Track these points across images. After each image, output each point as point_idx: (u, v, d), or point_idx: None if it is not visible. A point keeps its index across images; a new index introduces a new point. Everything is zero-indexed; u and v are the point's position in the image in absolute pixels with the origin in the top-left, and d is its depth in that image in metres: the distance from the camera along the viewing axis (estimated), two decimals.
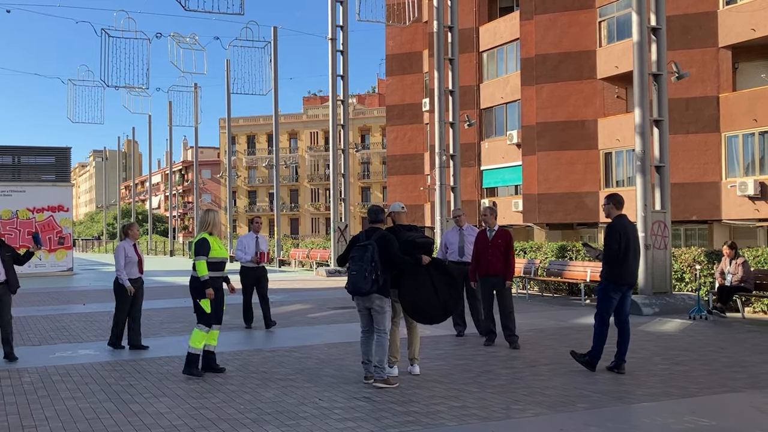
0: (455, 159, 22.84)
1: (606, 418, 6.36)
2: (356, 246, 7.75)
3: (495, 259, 10.14)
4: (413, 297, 7.96)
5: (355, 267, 7.57)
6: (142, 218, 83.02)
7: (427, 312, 8.09)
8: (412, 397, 7.08)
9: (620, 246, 8.21)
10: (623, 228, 8.34)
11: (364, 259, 7.51)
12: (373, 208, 8.04)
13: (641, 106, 15.35)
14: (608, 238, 8.36)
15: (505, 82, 35.24)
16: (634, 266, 8.53)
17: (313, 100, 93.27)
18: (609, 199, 8.67)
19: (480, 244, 10.37)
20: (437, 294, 8.02)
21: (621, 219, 8.45)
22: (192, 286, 8.46)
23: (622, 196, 8.68)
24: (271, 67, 36.73)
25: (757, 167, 25.59)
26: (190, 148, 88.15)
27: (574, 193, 30.31)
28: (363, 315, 7.84)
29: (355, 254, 7.66)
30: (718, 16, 26.56)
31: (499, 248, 10.19)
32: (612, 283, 8.36)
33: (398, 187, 42.40)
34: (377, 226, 7.92)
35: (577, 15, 30.90)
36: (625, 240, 8.27)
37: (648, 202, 15.11)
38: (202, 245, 8.34)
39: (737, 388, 7.46)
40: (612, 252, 8.26)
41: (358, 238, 7.90)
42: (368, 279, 7.47)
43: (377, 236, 7.71)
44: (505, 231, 10.47)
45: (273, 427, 6.02)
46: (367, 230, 7.93)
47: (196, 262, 8.29)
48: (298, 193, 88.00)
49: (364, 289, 7.52)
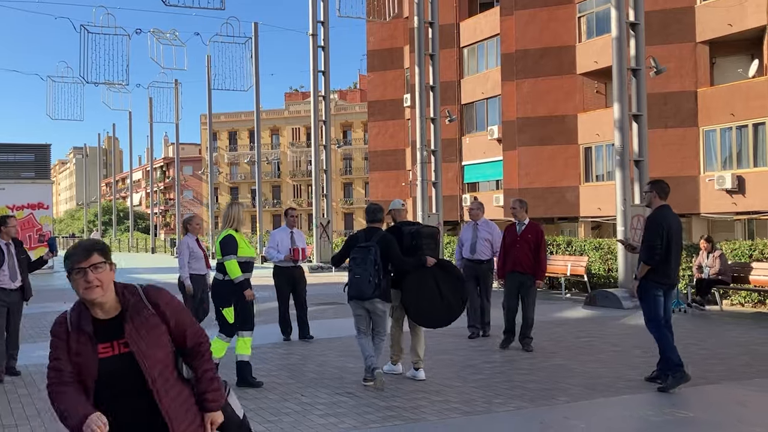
0: (436, 154, 22.90)
1: (586, 410, 6.44)
2: (357, 247, 7.37)
3: (523, 256, 9.37)
4: (416, 300, 7.62)
5: (359, 270, 7.23)
6: (123, 215, 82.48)
7: (431, 316, 7.75)
8: (395, 392, 7.12)
9: (662, 242, 7.14)
10: (665, 221, 7.23)
11: (367, 262, 7.18)
12: (371, 207, 7.69)
13: (620, 101, 15.48)
14: (648, 232, 7.32)
15: (485, 78, 35.34)
16: (675, 265, 7.47)
17: (295, 96, 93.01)
18: (652, 185, 7.58)
19: (508, 238, 9.64)
20: (441, 297, 7.64)
21: (663, 210, 7.34)
22: (215, 291, 7.57)
23: (667, 184, 7.60)
24: (252, 63, 36.61)
25: (734, 161, 25.87)
26: (171, 144, 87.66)
27: (555, 188, 30.48)
28: (361, 318, 7.49)
29: (356, 256, 7.30)
30: (695, 11, 26.78)
31: (529, 243, 9.41)
32: (655, 282, 7.32)
33: (380, 182, 42.44)
34: (376, 226, 7.58)
35: (556, 11, 31.05)
36: (667, 235, 7.19)
37: (627, 197, 15.25)
38: (230, 242, 7.42)
39: (715, 380, 7.57)
40: (651, 249, 7.18)
41: (357, 238, 7.58)
42: (372, 283, 7.17)
43: (378, 237, 7.37)
44: (535, 225, 9.74)
45: (255, 424, 6.01)
46: (366, 230, 7.60)
47: (226, 263, 7.35)
48: (281, 190, 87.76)
49: (367, 293, 7.21)
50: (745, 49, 26.33)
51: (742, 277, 13.76)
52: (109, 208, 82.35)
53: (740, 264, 13.95)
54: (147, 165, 76.41)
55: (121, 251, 61.19)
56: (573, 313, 13.58)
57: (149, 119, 55.75)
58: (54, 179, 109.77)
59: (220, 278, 7.44)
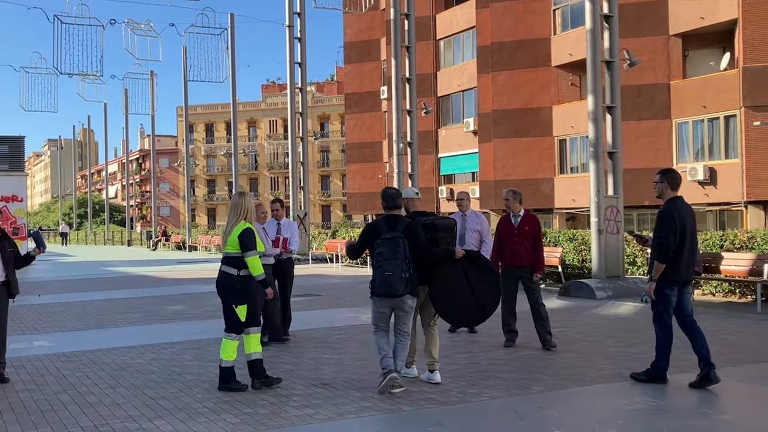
0: (413, 146, 22.95)
1: (560, 400, 6.50)
2: (381, 239, 6.66)
3: (522, 249, 8.97)
4: (447, 296, 7.06)
5: (390, 266, 6.54)
6: (99, 208, 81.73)
7: (463, 313, 7.27)
8: (371, 383, 7.12)
9: (675, 236, 6.69)
10: (678, 214, 6.76)
11: (397, 256, 6.54)
12: (390, 192, 6.99)
13: (594, 93, 15.59)
14: (660, 226, 6.80)
15: (461, 70, 35.42)
16: (690, 260, 6.93)
17: (272, 88, 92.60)
18: (663, 175, 7.05)
19: (504, 231, 9.17)
20: (474, 293, 7.12)
21: (676, 202, 6.85)
22: (227, 287, 7.00)
23: (678, 173, 7.12)
24: (228, 55, 36.41)
25: (706, 153, 26.19)
26: (147, 136, 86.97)
27: (530, 180, 30.68)
28: (384, 315, 6.87)
29: (383, 250, 6.60)
30: (668, 4, 27.04)
31: (527, 236, 9.03)
32: (665, 279, 6.84)
33: (357, 175, 42.43)
34: (396, 213, 6.92)
35: (532, 3, 31.19)
36: (680, 229, 6.73)
37: (601, 188, 15.37)
38: (250, 236, 6.89)
39: (686, 369, 7.62)
40: (665, 246, 6.71)
41: (378, 228, 6.81)
42: (403, 279, 6.55)
43: (403, 227, 6.73)
44: (532, 216, 9.34)
45: (231, 416, 6.04)
46: (386, 219, 6.87)
47: (248, 259, 6.85)
48: (258, 182, 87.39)
49: (399, 291, 6.58)
50: (717, 42, 26.65)
51: (713, 267, 13.93)
52: (85, 200, 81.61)
53: (711, 254, 14.12)
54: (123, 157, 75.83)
55: (97, 244, 60.64)
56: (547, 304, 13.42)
57: (125, 111, 55.30)
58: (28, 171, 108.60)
59: (234, 273, 6.91)
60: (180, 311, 13.45)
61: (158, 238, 47.77)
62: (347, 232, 28.06)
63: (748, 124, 24.07)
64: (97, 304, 14.63)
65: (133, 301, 15.24)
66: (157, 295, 16.46)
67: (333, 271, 22.89)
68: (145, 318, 12.53)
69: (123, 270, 25.88)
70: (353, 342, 9.61)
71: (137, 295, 16.33)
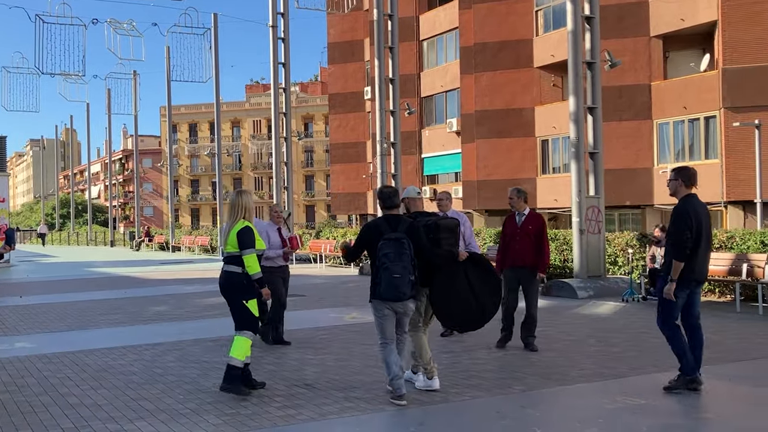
0: (396, 147, 23.00)
1: (541, 399, 6.55)
2: (385, 240, 6.34)
3: (525, 249, 8.77)
4: (446, 299, 6.85)
5: (397, 269, 6.23)
6: (82, 208, 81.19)
7: (462, 317, 7.03)
8: (354, 383, 7.15)
9: (691, 235, 6.49)
10: (694, 211, 6.57)
11: (403, 258, 6.26)
12: (387, 191, 6.69)
13: (575, 94, 15.71)
14: (675, 224, 6.62)
15: (444, 71, 35.51)
16: (705, 259, 6.76)
17: (256, 88, 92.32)
18: (677, 173, 6.85)
19: (508, 231, 9.01)
20: (475, 296, 6.93)
21: (690, 200, 6.66)
22: (234, 285, 6.91)
23: (694, 170, 6.93)
24: (212, 54, 36.31)
25: (686, 153, 26.42)
26: (130, 136, 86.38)
27: (513, 180, 30.72)
28: (389, 320, 6.52)
29: (388, 251, 6.28)
30: (649, 6, 27.25)
31: (530, 236, 8.82)
32: (679, 279, 6.60)
33: (341, 175, 42.43)
34: (395, 212, 6.63)
35: (514, 4, 31.32)
36: (696, 227, 6.54)
37: (582, 188, 15.48)
38: (249, 234, 6.84)
39: (666, 368, 7.68)
40: (679, 243, 6.52)
41: (379, 228, 6.48)
42: (410, 282, 6.30)
43: (405, 227, 6.45)
44: (537, 215, 9.14)
45: (213, 417, 6.05)
46: (386, 218, 6.56)
47: (246, 257, 6.79)
48: (242, 182, 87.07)
49: (406, 294, 6.31)
50: (697, 44, 26.90)
51: None
52: (67, 200, 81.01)
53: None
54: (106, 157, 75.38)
55: (80, 245, 60.23)
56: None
57: (107, 111, 54.98)
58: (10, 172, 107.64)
59: (239, 271, 6.83)
60: (162, 312, 13.41)
61: (141, 239, 47.51)
62: (331, 233, 28.06)
63: (727, 124, 24.31)
64: (79, 305, 14.56)
65: (116, 302, 15.17)
66: (139, 296, 16.40)
67: (317, 272, 22.90)
68: (127, 319, 12.49)
69: (105, 271, 25.74)
70: (336, 342, 9.63)
71: (120, 296, 16.27)
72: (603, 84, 17.27)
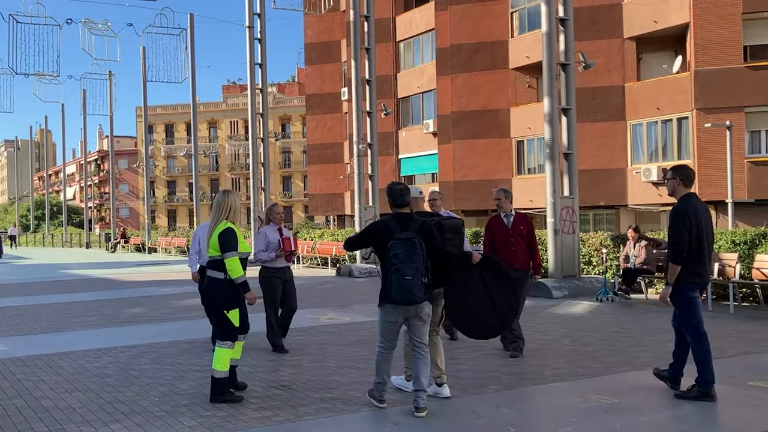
0: (373, 148, 23.04)
1: (516, 399, 6.58)
2: (395, 240, 5.98)
3: (520, 251, 8.50)
4: (462, 305, 6.55)
5: (409, 271, 5.85)
6: (57, 210, 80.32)
7: (480, 324, 6.72)
8: (329, 384, 7.17)
9: (690, 236, 6.27)
10: (693, 211, 6.34)
11: (416, 259, 5.89)
12: (398, 188, 6.27)
13: (550, 95, 15.84)
14: (674, 225, 6.35)
15: (421, 72, 35.60)
16: (707, 261, 6.48)
17: (233, 89, 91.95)
18: (675, 172, 6.59)
19: (498, 232, 8.65)
20: (492, 301, 6.63)
21: (690, 200, 6.43)
22: (215, 292, 6.62)
23: (692, 169, 6.72)
24: (188, 55, 36.14)
25: (660, 154, 26.72)
26: (105, 137, 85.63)
27: (489, 181, 30.94)
28: (396, 326, 6.16)
29: (399, 251, 5.91)
30: (623, 8, 27.53)
31: (523, 237, 8.61)
32: (687, 283, 6.40)
33: (319, 176, 42.38)
34: (405, 211, 6.26)
35: (489, 6, 31.49)
36: (696, 228, 6.31)
37: (557, 189, 15.61)
38: (231, 237, 6.49)
39: (639, 366, 7.79)
40: (678, 247, 6.27)
41: (388, 227, 6.11)
42: (423, 284, 5.92)
43: (417, 226, 6.11)
44: (524, 216, 8.93)
45: (188, 419, 6.04)
46: (396, 217, 6.19)
47: (228, 260, 6.45)
48: (219, 183, 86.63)
49: (419, 297, 5.93)
50: (670, 46, 27.21)
51: (666, 267, 14.24)
52: (42, 202, 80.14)
53: (664, 253, 14.42)
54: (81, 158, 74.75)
55: (55, 246, 59.63)
56: None
57: (82, 111, 54.53)
58: None
59: (220, 277, 6.53)
60: (138, 314, 13.35)
61: (117, 240, 47.16)
62: (309, 234, 28.03)
63: (699, 126, 24.62)
64: (53, 308, 14.44)
65: (91, 304, 15.08)
66: (115, 297, 16.30)
67: (294, 273, 22.81)
68: (102, 321, 12.41)
69: (81, 273, 25.52)
70: (312, 344, 9.64)
71: (95, 298, 16.16)
72: (577, 85, 17.44)
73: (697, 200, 6.46)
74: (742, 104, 24.32)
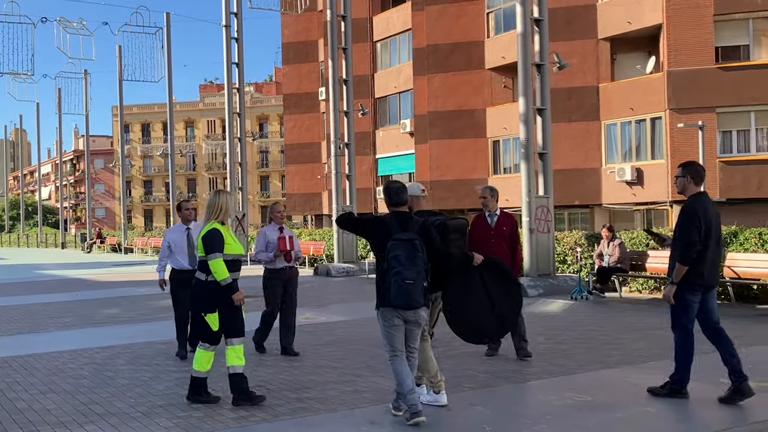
0: (350, 147, 23.07)
1: (491, 397, 6.62)
2: (395, 240, 5.74)
3: (500, 251, 8.03)
4: (463, 309, 6.33)
5: (410, 274, 5.65)
6: (32, 210, 79.50)
7: (479, 328, 6.51)
8: (306, 384, 7.19)
9: (699, 236, 6.08)
10: (703, 210, 6.14)
11: (416, 262, 5.69)
12: (395, 186, 6.03)
13: (525, 95, 15.97)
14: (682, 224, 6.16)
15: (398, 72, 35.67)
16: (713, 262, 6.28)
17: (210, 88, 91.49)
18: (685, 169, 6.36)
19: (479, 232, 8.35)
20: (492, 303, 6.39)
21: (700, 198, 6.22)
22: (197, 294, 6.51)
23: (702, 166, 6.48)
24: (164, 54, 35.96)
25: (633, 154, 27.00)
26: (81, 136, 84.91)
27: (465, 180, 31.11)
28: (399, 330, 5.89)
29: (399, 253, 5.69)
30: (597, 9, 27.76)
31: (505, 238, 8.36)
32: (686, 283, 6.19)
33: (296, 176, 42.32)
34: (403, 209, 6.05)
35: (466, 6, 31.60)
36: (705, 227, 6.11)
37: (532, 188, 15.75)
38: (215, 238, 6.36)
39: (613, 364, 7.88)
40: (688, 247, 6.08)
41: (387, 226, 5.87)
42: (423, 288, 5.74)
43: (417, 227, 5.89)
44: (509, 215, 8.75)
45: (164, 420, 6.04)
46: (395, 216, 5.95)
47: (211, 262, 6.30)
48: (196, 183, 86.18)
49: (420, 301, 5.74)
50: (644, 46, 27.48)
51: (640, 265, 14.46)
52: (17, 202, 79.25)
53: (638, 252, 14.64)
54: (56, 158, 74.03)
55: (30, 247, 59.03)
56: None
57: (58, 111, 54.14)
58: None
59: (202, 278, 6.43)
60: (114, 315, 13.29)
61: (93, 241, 46.79)
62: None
63: (672, 126, 24.90)
64: (28, 309, 14.34)
65: (66, 304, 14.98)
66: (91, 298, 16.21)
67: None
68: (78, 322, 12.35)
69: (56, 273, 25.32)
70: None
71: (71, 299, 16.06)
72: (552, 86, 17.58)
73: (708, 199, 6.26)
74: (714, 105, 24.63)
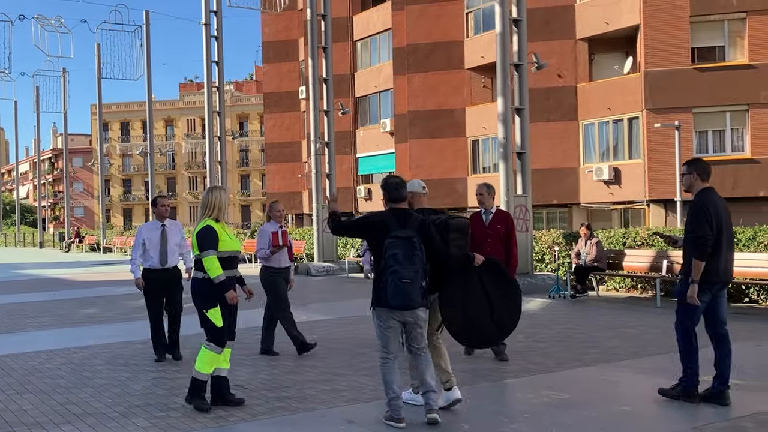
0: (330, 146, 23.08)
1: (470, 395, 6.65)
2: (393, 238, 5.58)
3: (494, 251, 7.83)
4: (460, 312, 6.12)
5: (408, 273, 5.50)
6: (10, 209, 78.71)
7: (478, 332, 6.29)
8: (285, 383, 7.21)
9: (712, 231, 5.99)
10: (713, 206, 6.05)
11: (414, 261, 5.53)
12: (394, 181, 5.88)
13: (503, 95, 16.06)
14: (692, 221, 6.06)
15: (378, 71, 35.71)
16: (728, 258, 6.19)
17: (190, 87, 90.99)
18: (691, 166, 6.30)
19: (475, 230, 7.86)
20: (492, 307, 6.17)
21: (708, 194, 6.14)
22: (196, 291, 6.38)
23: (708, 163, 6.37)
24: (143, 52, 35.77)
25: (611, 153, 27.23)
26: (59, 135, 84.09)
27: (445, 180, 31.22)
28: (394, 332, 5.77)
29: (396, 251, 5.52)
30: (575, 9, 27.97)
31: (500, 236, 8.22)
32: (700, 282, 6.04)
33: (277, 174, 42.26)
34: (402, 206, 5.89)
35: (445, 6, 31.70)
36: (716, 223, 6.03)
37: (510, 187, 15.85)
38: (209, 235, 6.28)
39: (589, 362, 7.96)
40: (701, 241, 5.97)
41: (386, 224, 5.71)
42: (421, 288, 5.59)
43: (417, 224, 5.71)
44: (505, 213, 8.68)
45: (142, 420, 6.03)
46: (394, 213, 5.80)
47: (204, 259, 6.23)
48: (176, 181, 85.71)
49: (417, 302, 5.58)
50: (621, 47, 27.70)
51: (617, 264, 14.60)
52: None
53: (615, 251, 14.79)
54: (34, 156, 73.24)
55: (8, 246, 58.49)
56: None
57: (36, 109, 53.63)
58: None
59: (200, 277, 6.34)
60: (92, 314, 13.23)
61: (71, 240, 46.44)
62: None
63: (649, 126, 25.14)
64: (5, 308, 14.23)
65: (44, 304, 14.88)
66: (68, 298, 16.11)
67: (251, 272, 22.71)
68: (55, 322, 12.28)
69: (34, 272, 25.12)
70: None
71: (48, 299, 15.94)
72: (531, 85, 17.70)
73: (716, 195, 6.17)
74: (690, 105, 24.89)
